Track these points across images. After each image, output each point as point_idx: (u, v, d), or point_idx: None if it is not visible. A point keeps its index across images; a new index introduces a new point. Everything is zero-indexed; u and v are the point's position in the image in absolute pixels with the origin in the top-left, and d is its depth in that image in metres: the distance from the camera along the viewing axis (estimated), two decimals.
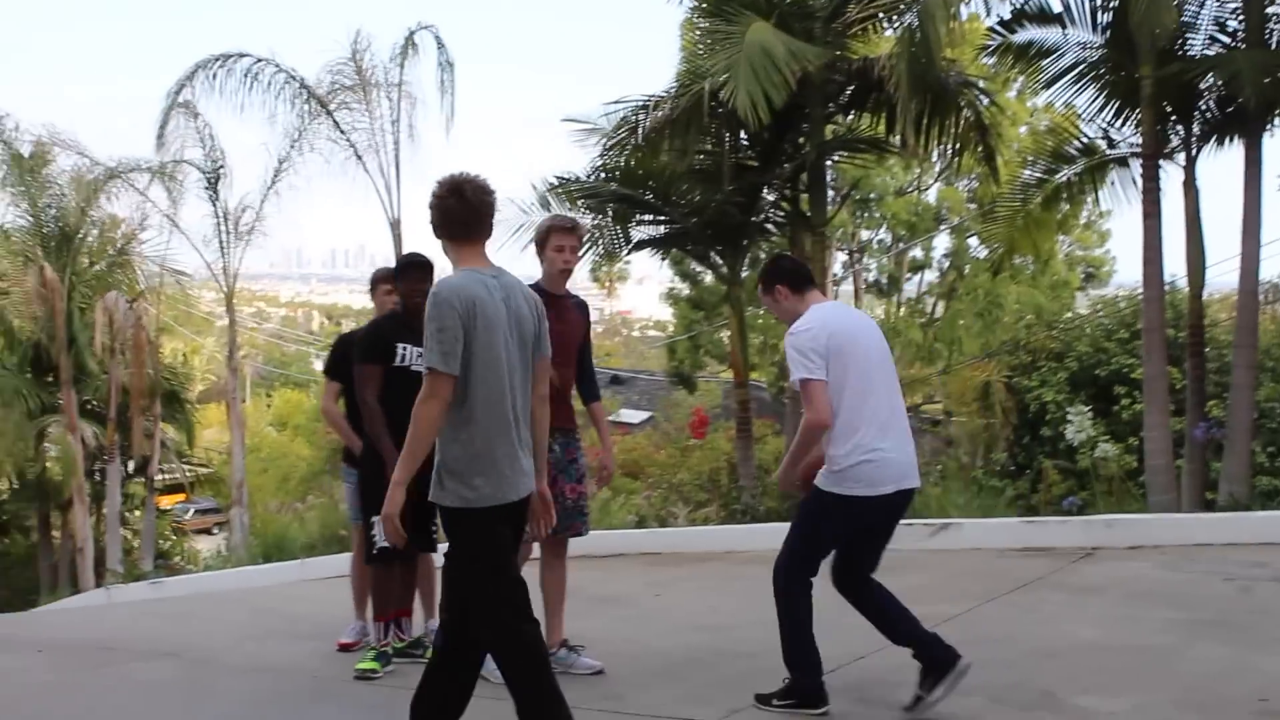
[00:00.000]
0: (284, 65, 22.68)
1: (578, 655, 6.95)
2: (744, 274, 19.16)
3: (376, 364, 7.14)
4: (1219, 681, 5.97)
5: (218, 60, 22.32)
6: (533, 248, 7.13)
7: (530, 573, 6.94)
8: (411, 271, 7.34)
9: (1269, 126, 13.75)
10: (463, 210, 5.08)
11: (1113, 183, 15.81)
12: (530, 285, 6.99)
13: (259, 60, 22.50)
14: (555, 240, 6.90)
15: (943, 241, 35.97)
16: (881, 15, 15.22)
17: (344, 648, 7.97)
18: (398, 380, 7.04)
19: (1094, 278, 35.52)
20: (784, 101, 13.97)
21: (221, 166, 24.66)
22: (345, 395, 7.78)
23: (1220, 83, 13.53)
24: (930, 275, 37.25)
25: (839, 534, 5.92)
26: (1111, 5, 14.09)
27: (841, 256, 35.78)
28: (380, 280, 8.06)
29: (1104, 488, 13.50)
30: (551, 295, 6.84)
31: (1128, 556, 9.46)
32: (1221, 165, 14.89)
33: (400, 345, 7.17)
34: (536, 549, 6.96)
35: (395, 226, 22.87)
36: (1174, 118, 14.44)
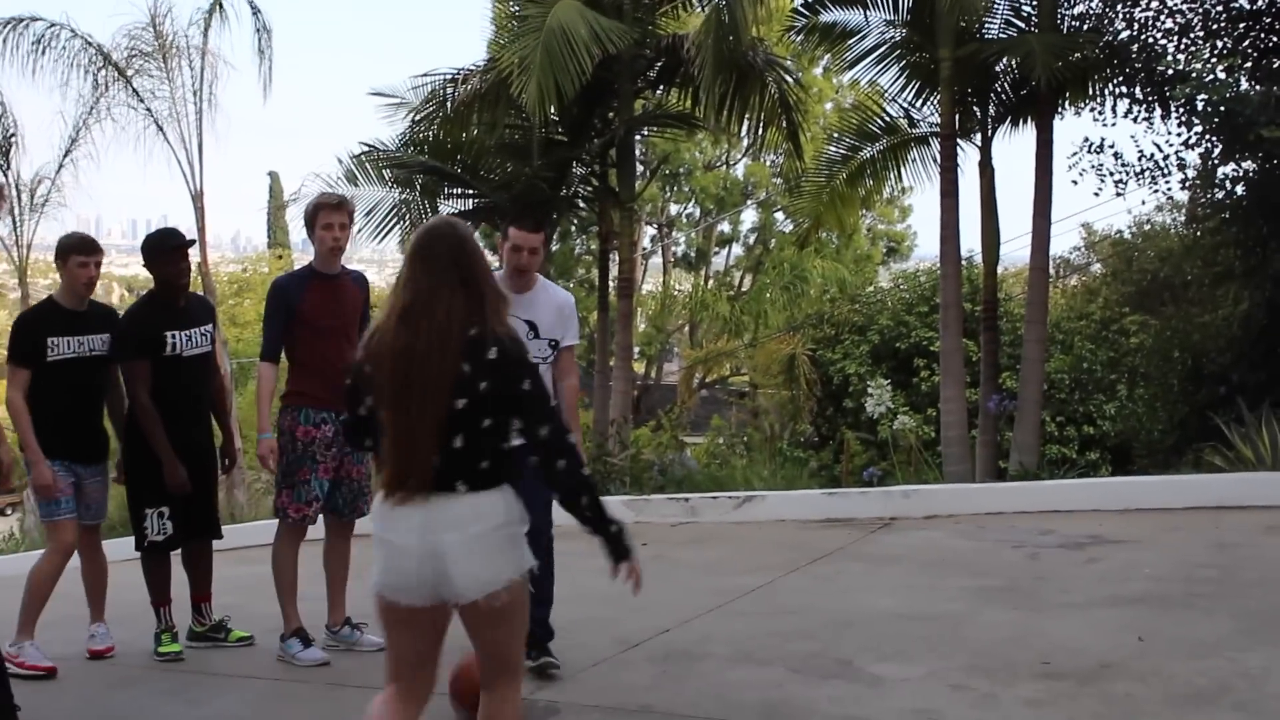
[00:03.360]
0: (80, 30, 21.81)
1: (361, 633, 6.90)
2: (554, 248, 19.16)
3: (144, 358, 6.69)
4: (1007, 646, 6.20)
5: (8, 24, 21.38)
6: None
7: (314, 552, 6.90)
8: (176, 253, 6.88)
9: (1059, 109, 14.27)
10: None
11: (914, 160, 16.22)
12: (303, 267, 6.93)
13: (52, 25, 21.64)
14: (323, 218, 6.67)
15: (750, 216, 36.51)
16: None
17: (96, 655, 7.15)
18: (170, 370, 6.72)
19: (896, 252, 36.37)
20: (577, 92, 14.11)
21: (13, 135, 23.64)
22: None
23: (1014, 65, 13.96)
24: (738, 249, 37.76)
25: None
26: None
27: (650, 230, 36.04)
28: (71, 250, 6.89)
29: (903, 458, 13.91)
30: (325, 275, 6.78)
31: (924, 526, 9.75)
32: (1016, 146, 15.40)
33: (169, 333, 6.74)
34: (318, 529, 6.88)
35: (198, 199, 22.22)
36: (971, 99, 14.87)
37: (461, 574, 3.72)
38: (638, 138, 19.38)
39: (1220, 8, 13.24)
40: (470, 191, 17.31)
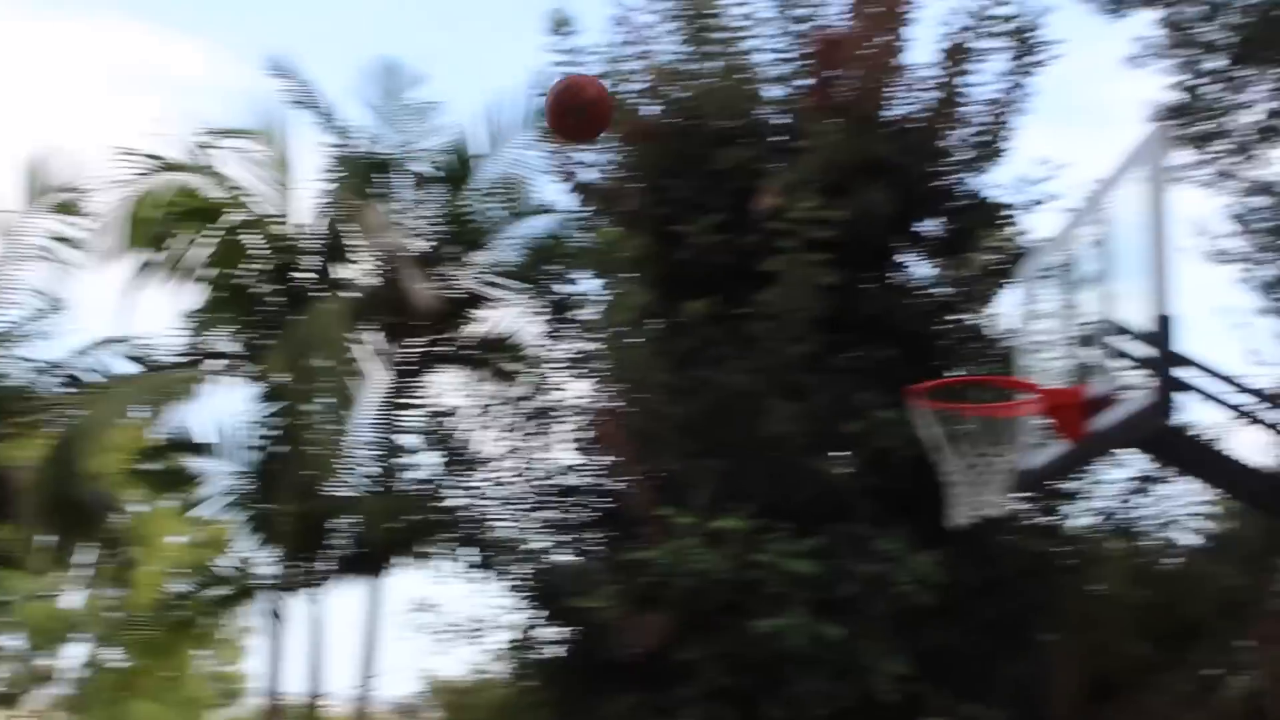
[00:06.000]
0: None
1: None
2: None
3: None
4: None
5: None
6: None
7: None
8: None
9: (390, 565, 14.75)
10: None
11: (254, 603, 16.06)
12: None
13: None
14: None
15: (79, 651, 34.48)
16: None
17: None
18: None
19: (233, 694, 35.31)
20: None
21: None
22: None
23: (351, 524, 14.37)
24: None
25: None
26: None
27: None
28: None
29: None
30: None
31: None
32: (354, 595, 15.66)
33: None
34: None
35: None
36: (311, 552, 15.02)
37: None
38: None
39: (550, 482, 14.36)
40: None
